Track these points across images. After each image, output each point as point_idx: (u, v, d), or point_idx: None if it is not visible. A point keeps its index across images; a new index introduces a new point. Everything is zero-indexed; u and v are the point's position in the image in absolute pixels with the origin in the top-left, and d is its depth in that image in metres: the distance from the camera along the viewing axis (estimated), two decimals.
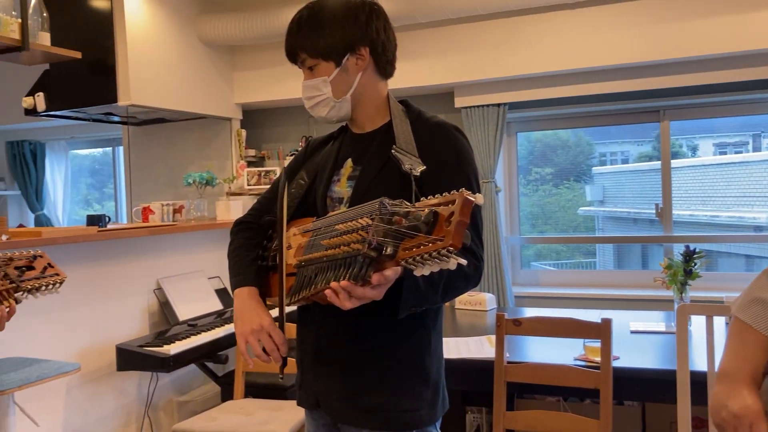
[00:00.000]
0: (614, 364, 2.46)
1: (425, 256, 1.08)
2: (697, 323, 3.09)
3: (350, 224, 1.29)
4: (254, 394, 3.47)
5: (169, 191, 5.05)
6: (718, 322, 3.08)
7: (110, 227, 3.50)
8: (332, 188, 1.63)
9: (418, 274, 1.13)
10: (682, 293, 3.04)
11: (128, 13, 4.03)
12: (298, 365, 1.69)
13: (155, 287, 3.76)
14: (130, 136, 5.22)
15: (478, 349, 2.78)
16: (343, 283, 1.25)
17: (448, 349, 2.78)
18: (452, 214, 1.05)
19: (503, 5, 3.93)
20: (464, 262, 1.09)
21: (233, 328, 1.62)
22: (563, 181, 4.72)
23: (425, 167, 1.45)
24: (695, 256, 3.03)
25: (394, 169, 1.50)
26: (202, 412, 3.11)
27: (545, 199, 4.73)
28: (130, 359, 3.16)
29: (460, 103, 4.38)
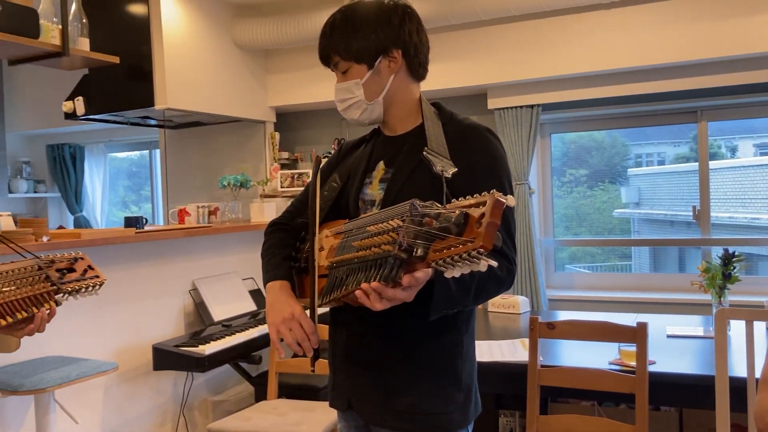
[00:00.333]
0: (650, 368, 2.42)
1: (455, 257, 1.08)
2: (736, 328, 3.03)
3: (381, 226, 1.30)
4: (287, 394, 3.50)
5: (204, 193, 5.12)
6: (758, 327, 3.02)
7: (147, 229, 3.56)
8: (364, 191, 1.63)
9: (448, 275, 1.13)
10: (720, 297, 2.98)
11: (165, 18, 4.10)
12: (330, 367, 1.70)
13: (191, 288, 3.81)
14: (166, 139, 5.31)
15: (511, 352, 2.76)
16: (373, 284, 1.25)
17: (480, 351, 2.76)
18: (483, 215, 1.05)
19: (536, 6, 3.90)
20: (495, 263, 1.09)
21: (267, 328, 1.63)
22: (598, 182, 4.66)
23: (457, 169, 1.45)
24: (734, 259, 2.97)
25: (425, 171, 1.50)
26: (236, 412, 3.15)
27: (580, 201, 4.68)
28: (166, 359, 3.21)
29: (493, 104, 4.36)
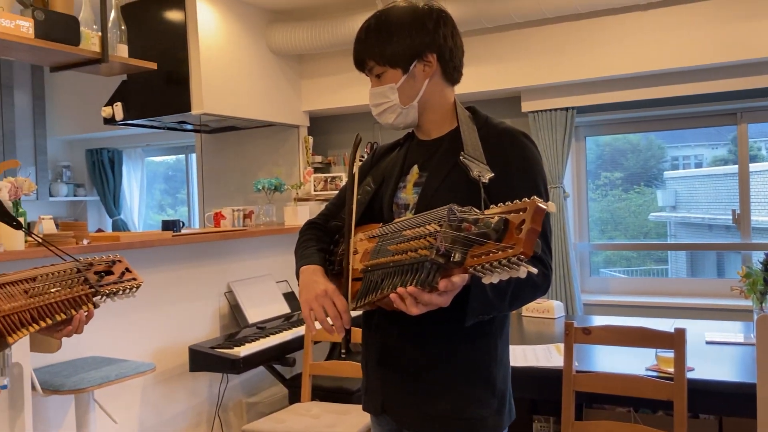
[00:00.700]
0: (689, 375, 2.38)
1: (494, 263, 1.07)
2: None
3: (418, 230, 1.30)
4: (321, 397, 3.52)
5: (239, 197, 5.18)
6: None
7: (184, 232, 3.61)
8: (398, 194, 1.63)
9: (486, 281, 1.13)
10: (762, 303, 2.91)
11: (201, 25, 4.16)
12: (363, 370, 1.70)
13: (226, 290, 3.86)
14: (202, 143, 5.38)
15: (546, 357, 2.74)
16: (410, 288, 1.25)
17: (515, 356, 2.75)
18: (523, 221, 1.05)
19: (571, 8, 3.87)
20: (535, 270, 1.08)
21: (301, 331, 1.64)
22: (633, 185, 4.60)
23: (493, 174, 1.44)
24: None
25: (460, 175, 1.50)
26: (270, 413, 3.17)
27: (614, 204, 4.62)
28: (202, 360, 3.25)
29: (527, 107, 4.33)
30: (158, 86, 4.27)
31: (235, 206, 4.41)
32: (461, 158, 1.48)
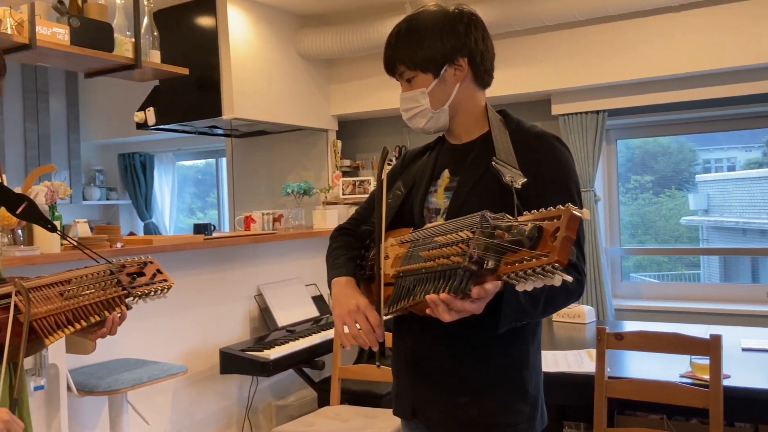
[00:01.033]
0: (725, 382, 2.34)
1: (528, 271, 1.07)
2: None
3: (450, 237, 1.29)
4: (350, 400, 3.52)
5: (268, 200, 5.22)
6: None
7: (215, 236, 3.65)
8: (429, 199, 1.63)
9: (520, 289, 1.12)
10: None
11: (232, 30, 4.20)
12: (393, 374, 1.70)
13: (256, 293, 3.89)
14: (233, 147, 5.43)
15: (577, 362, 2.71)
16: (442, 295, 1.25)
17: (546, 362, 2.72)
18: (557, 229, 1.04)
19: (602, 10, 3.83)
20: (570, 279, 1.07)
21: (330, 334, 1.64)
22: (664, 189, 4.54)
23: (526, 179, 1.43)
24: None
25: (492, 180, 1.49)
26: (299, 416, 3.19)
27: (645, 208, 4.56)
28: (232, 363, 3.28)
29: (557, 110, 4.30)
30: (190, 91, 4.32)
31: (264, 210, 4.44)
32: (493, 163, 1.47)
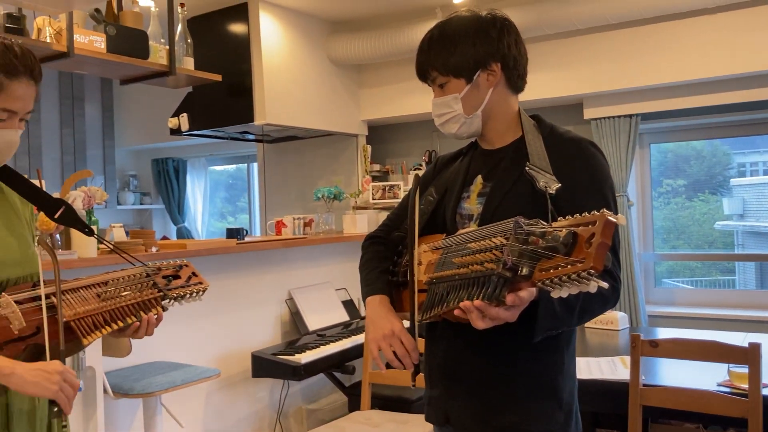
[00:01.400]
0: (765, 392, 2.29)
1: (563, 278, 1.06)
2: None
3: (484, 243, 1.29)
4: (380, 405, 3.52)
5: (299, 205, 5.25)
6: None
7: (247, 240, 3.68)
8: (462, 205, 1.62)
9: (555, 296, 1.11)
10: None
11: (264, 37, 4.25)
12: (426, 380, 1.69)
13: (287, 297, 3.91)
14: (264, 153, 5.48)
15: (611, 369, 2.68)
16: (476, 302, 1.24)
17: (579, 369, 2.68)
18: (593, 235, 1.03)
19: (636, 13, 3.79)
20: (605, 285, 1.06)
21: (361, 339, 1.65)
22: (697, 193, 4.46)
23: (560, 185, 1.42)
24: None
25: (526, 186, 1.47)
26: (330, 421, 3.20)
27: (677, 212, 4.49)
28: (264, 366, 3.30)
29: (589, 114, 4.26)
30: (222, 97, 4.37)
31: (295, 214, 4.47)
32: (527, 168, 1.46)
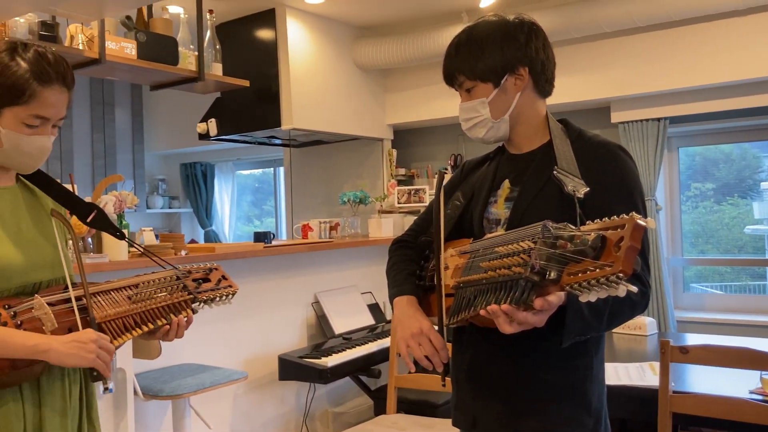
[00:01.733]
0: None
1: (592, 281, 1.06)
2: None
3: (511, 247, 1.29)
4: (406, 409, 3.52)
5: (324, 209, 5.28)
6: None
7: (274, 244, 3.71)
8: (489, 209, 1.62)
9: (583, 300, 1.11)
10: None
11: (291, 43, 4.28)
12: (453, 385, 1.69)
13: (313, 301, 3.93)
14: (291, 157, 5.52)
15: (639, 376, 2.65)
16: (504, 306, 1.25)
17: (607, 374, 2.65)
18: (622, 239, 1.03)
19: (664, 16, 3.76)
20: (635, 289, 1.05)
21: (386, 342, 1.65)
22: (726, 197, 4.40)
23: (589, 189, 1.41)
24: None
25: (554, 190, 1.47)
26: (356, 424, 3.20)
27: (706, 216, 4.43)
28: (290, 369, 3.32)
29: (617, 118, 4.23)
30: (250, 102, 4.42)
31: (321, 218, 4.50)
32: (555, 172, 1.46)
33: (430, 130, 5.21)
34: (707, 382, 2.66)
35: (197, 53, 3.42)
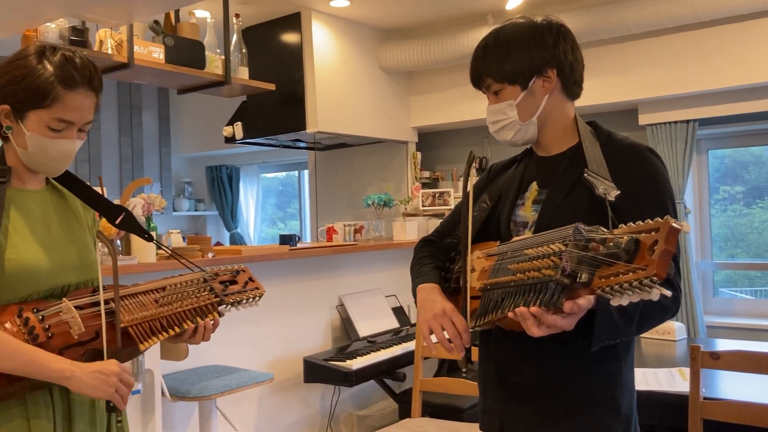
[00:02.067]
0: None
1: (624, 285, 1.04)
2: None
3: (541, 249, 1.28)
4: (431, 413, 3.50)
5: (349, 212, 5.28)
6: None
7: (300, 246, 3.73)
8: (516, 212, 1.61)
9: (615, 303, 1.09)
10: None
11: (316, 46, 4.30)
12: (480, 389, 1.68)
13: (338, 303, 3.94)
14: (316, 160, 5.54)
15: (668, 381, 2.61)
16: (533, 308, 1.23)
17: (636, 380, 2.63)
18: (656, 242, 1.01)
19: (693, 16, 3.71)
20: (669, 293, 1.04)
21: (411, 346, 1.63)
22: (756, 200, 4.32)
23: (619, 192, 1.40)
24: None
25: (583, 193, 1.46)
26: (380, 428, 3.20)
27: (735, 219, 4.36)
28: (316, 372, 3.33)
29: (644, 120, 4.18)
30: (275, 106, 4.44)
31: (345, 221, 4.51)
32: (585, 175, 1.44)
33: (454, 132, 5.20)
34: (739, 388, 2.61)
35: (224, 57, 3.44)
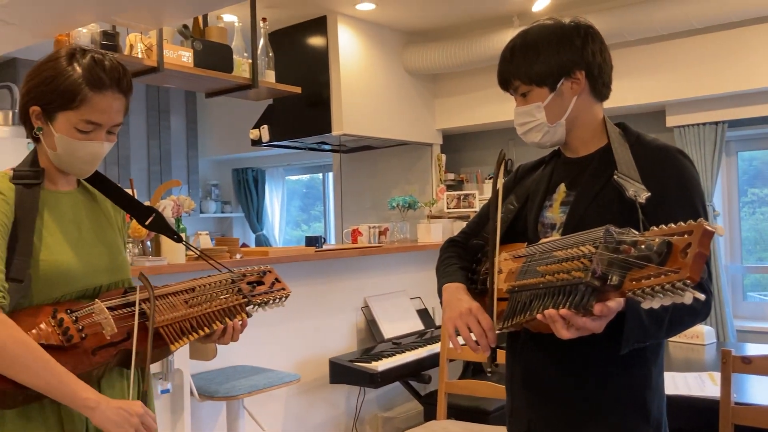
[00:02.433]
0: None
1: (656, 288, 1.03)
2: None
3: (571, 251, 1.27)
4: (456, 415, 3.50)
5: (373, 214, 5.30)
6: None
7: (325, 248, 3.75)
8: (544, 214, 1.60)
9: (646, 306, 1.09)
10: None
11: (342, 49, 4.32)
12: (507, 392, 1.68)
13: (363, 305, 3.95)
14: (341, 162, 5.56)
15: (698, 386, 2.58)
16: (562, 311, 1.23)
17: (665, 384, 2.60)
18: (689, 245, 1.00)
19: (722, 17, 3.66)
20: (702, 296, 1.03)
21: (436, 348, 1.62)
22: None
23: (650, 194, 1.39)
24: None
25: (612, 194, 1.45)
26: (406, 429, 3.20)
27: (764, 223, 4.29)
28: (341, 373, 3.34)
29: (672, 122, 4.14)
30: (301, 109, 4.47)
31: (370, 223, 4.52)
32: (615, 177, 1.43)
33: (479, 134, 5.19)
34: (766, 393, 2.57)
35: (251, 61, 3.48)
